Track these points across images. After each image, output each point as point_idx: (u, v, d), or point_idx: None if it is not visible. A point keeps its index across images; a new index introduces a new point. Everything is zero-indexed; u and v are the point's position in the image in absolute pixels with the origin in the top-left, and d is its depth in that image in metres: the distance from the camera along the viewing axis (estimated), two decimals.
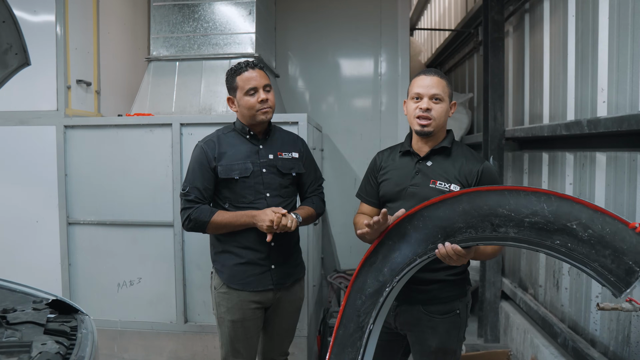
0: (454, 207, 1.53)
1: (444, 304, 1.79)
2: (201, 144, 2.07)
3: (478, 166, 1.76)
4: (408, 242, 1.58)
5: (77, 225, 3.17)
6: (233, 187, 2.03)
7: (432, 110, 1.75)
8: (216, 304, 2.10)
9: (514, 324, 3.23)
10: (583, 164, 2.58)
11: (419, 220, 1.60)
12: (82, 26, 3.31)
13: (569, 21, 2.72)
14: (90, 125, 3.12)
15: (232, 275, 2.05)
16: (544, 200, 1.36)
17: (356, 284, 1.67)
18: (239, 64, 2.03)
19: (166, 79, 3.31)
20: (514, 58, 3.63)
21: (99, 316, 3.17)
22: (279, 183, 2.09)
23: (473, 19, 4.33)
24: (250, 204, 2.02)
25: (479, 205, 1.47)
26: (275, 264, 2.08)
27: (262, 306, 2.10)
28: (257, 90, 1.99)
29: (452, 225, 1.52)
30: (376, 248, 1.66)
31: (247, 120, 2.05)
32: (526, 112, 3.38)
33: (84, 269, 3.19)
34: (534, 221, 1.36)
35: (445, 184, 1.75)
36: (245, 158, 2.05)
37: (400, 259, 1.58)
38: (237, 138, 2.09)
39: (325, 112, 4.45)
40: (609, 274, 1.24)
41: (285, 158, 2.12)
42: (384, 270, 1.61)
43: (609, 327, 2.33)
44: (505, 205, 1.42)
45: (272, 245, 2.03)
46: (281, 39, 4.39)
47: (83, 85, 3.32)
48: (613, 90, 2.29)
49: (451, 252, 1.50)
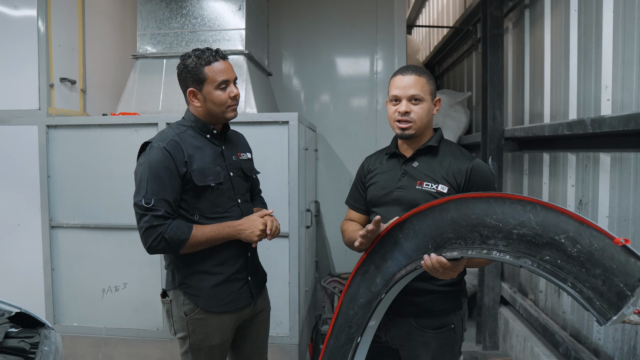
0: (442, 215, 1.42)
1: (437, 318, 1.66)
2: (162, 145, 1.69)
3: (467, 164, 1.64)
4: (400, 251, 1.48)
5: (60, 228, 3.05)
6: (208, 196, 1.75)
7: (412, 112, 1.63)
8: (190, 332, 1.79)
9: (513, 331, 3.11)
10: (586, 165, 2.47)
11: (409, 229, 1.49)
12: (67, 22, 3.20)
13: (571, 16, 2.61)
14: (74, 125, 3.01)
15: (211, 297, 1.78)
16: (530, 210, 1.23)
17: (349, 293, 1.56)
18: (202, 52, 1.73)
19: (153, 77, 3.19)
20: (513, 55, 3.51)
21: (83, 323, 3.07)
22: (245, 187, 1.90)
23: (472, 16, 4.22)
24: (224, 214, 1.79)
25: (466, 214, 1.36)
26: (251, 274, 1.88)
27: (239, 323, 1.90)
28: (228, 84, 1.76)
29: (442, 235, 1.41)
30: (369, 256, 1.56)
31: (211, 118, 1.79)
32: (526, 111, 3.26)
33: (67, 274, 3.07)
34: (522, 233, 1.23)
35: (432, 184, 1.63)
36: (213, 161, 1.78)
37: (393, 268, 1.48)
38: (197, 138, 1.79)
39: (319, 111, 4.34)
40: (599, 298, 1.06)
41: (244, 159, 1.92)
42: (377, 280, 1.50)
43: (614, 337, 2.21)
44: (493, 214, 1.30)
45: (248, 255, 1.85)
46: (274, 36, 4.28)
47: (67, 83, 3.20)
48: (618, 87, 2.17)
49: (436, 264, 1.38)
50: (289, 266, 2.89)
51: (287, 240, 2.87)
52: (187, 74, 1.76)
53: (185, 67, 1.76)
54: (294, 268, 2.90)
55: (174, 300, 1.82)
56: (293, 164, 2.84)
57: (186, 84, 1.78)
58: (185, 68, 1.76)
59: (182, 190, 1.73)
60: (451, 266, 1.38)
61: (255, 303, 1.91)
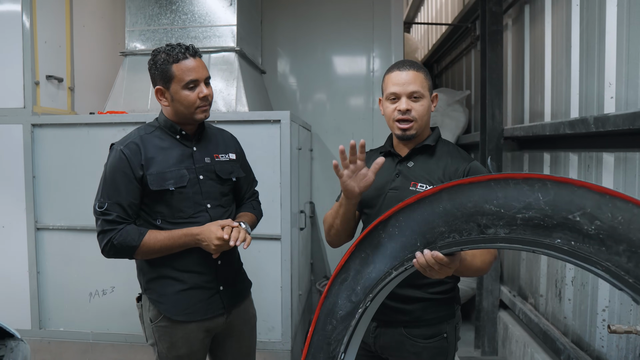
0: (433, 207, 1.27)
1: (429, 327, 1.57)
2: (120, 148, 1.66)
3: (464, 165, 1.55)
4: (383, 253, 1.34)
5: (46, 230, 2.96)
6: (168, 200, 1.66)
7: (412, 110, 1.53)
8: (156, 339, 1.73)
9: (513, 336, 3.02)
10: (588, 165, 2.38)
11: (394, 226, 1.34)
12: (53, 18, 3.11)
13: (572, 11, 2.51)
14: (60, 124, 2.92)
15: (174, 305, 1.69)
16: (539, 189, 1.11)
17: (325, 306, 1.41)
18: (171, 48, 1.64)
19: (142, 75, 3.10)
20: (513, 53, 3.42)
21: (69, 327, 2.98)
22: (219, 191, 1.77)
23: (470, 13, 4.13)
24: (189, 219, 1.69)
25: (462, 203, 1.23)
26: (223, 284, 1.77)
27: (211, 334, 1.80)
28: (197, 84, 1.65)
29: (433, 230, 1.27)
30: (347, 262, 1.41)
31: (180, 119, 1.70)
32: (526, 110, 3.17)
33: (53, 277, 2.98)
34: (529, 217, 1.12)
35: (427, 186, 1.53)
36: (179, 163, 1.69)
37: (375, 274, 1.33)
38: (164, 139, 1.71)
39: (315, 110, 4.24)
40: (625, 274, 0.98)
41: (223, 161, 1.80)
42: (357, 288, 1.36)
43: (618, 344, 2.12)
44: (493, 199, 1.17)
45: (218, 263, 1.73)
46: (268, 34, 4.19)
47: (54, 81, 3.11)
48: (622, 84, 2.08)
49: (431, 260, 1.24)
50: (281, 269, 2.80)
51: (279, 243, 2.78)
52: (155, 70, 1.67)
53: (154, 63, 1.66)
54: (286, 271, 2.81)
55: (144, 305, 1.77)
56: (285, 164, 2.75)
57: (154, 81, 1.69)
58: (155, 64, 1.66)
59: (143, 194, 1.66)
60: (448, 261, 1.25)
61: (229, 314, 1.80)
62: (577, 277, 2.50)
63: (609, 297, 2.21)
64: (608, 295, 2.21)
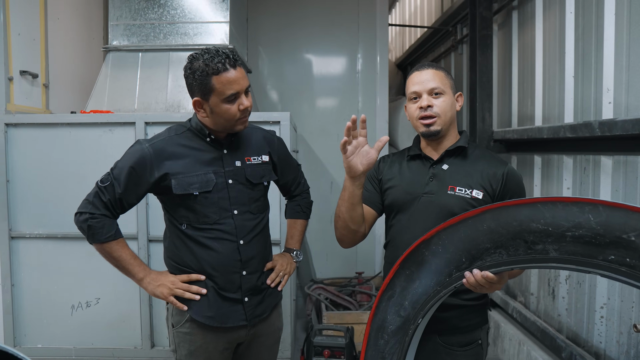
0: (476, 226, 1.30)
1: (464, 334, 1.55)
2: (146, 146, 1.60)
3: (502, 169, 1.54)
4: (428, 269, 1.36)
5: (21, 239, 2.73)
6: (192, 205, 1.60)
7: (434, 106, 1.52)
8: (176, 345, 1.70)
9: (505, 335, 3.09)
10: (585, 167, 2.46)
11: (437, 244, 1.36)
12: (27, 9, 2.88)
13: (566, 18, 2.60)
14: (38, 124, 2.70)
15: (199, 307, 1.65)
16: (589, 211, 1.13)
17: (375, 322, 1.42)
18: (211, 57, 1.52)
19: (127, 72, 2.93)
20: (499, 57, 3.50)
21: (49, 344, 2.77)
22: (248, 196, 1.69)
23: (452, 16, 4.20)
24: (215, 225, 1.63)
25: (507, 222, 1.25)
26: (249, 295, 1.70)
27: (232, 346, 1.74)
28: (238, 96, 1.55)
29: (478, 247, 1.30)
30: (392, 280, 1.43)
31: (216, 127, 1.62)
32: (514, 114, 3.25)
33: (30, 290, 2.76)
34: (579, 234, 1.13)
35: (466, 189, 1.51)
36: (206, 167, 1.62)
37: (421, 289, 1.36)
38: (194, 140, 1.65)
39: (299, 111, 4.18)
40: None
41: (255, 164, 1.71)
42: (405, 303, 1.37)
43: (619, 340, 2.21)
44: (540, 219, 1.20)
45: (243, 274, 1.68)
46: (252, 32, 4.08)
47: (28, 77, 2.88)
48: (622, 90, 2.17)
49: (482, 280, 1.27)
50: None
51: (278, 249, 2.71)
52: (193, 80, 1.55)
53: (192, 72, 1.55)
54: None
55: (169, 309, 1.73)
56: None
57: (192, 91, 1.59)
58: (192, 74, 1.55)
59: (167, 197, 1.64)
60: (498, 279, 1.27)
61: (252, 327, 1.73)
62: (573, 275, 2.58)
63: (607, 294, 2.30)
64: (606, 293, 2.30)
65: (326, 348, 2.80)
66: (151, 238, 2.70)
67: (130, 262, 1.63)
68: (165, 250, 1.72)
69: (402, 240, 1.59)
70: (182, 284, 1.63)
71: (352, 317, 3.20)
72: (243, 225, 1.66)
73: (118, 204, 1.60)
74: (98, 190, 1.59)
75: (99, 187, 1.59)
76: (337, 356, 2.81)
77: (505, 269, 1.26)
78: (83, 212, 1.59)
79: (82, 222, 1.59)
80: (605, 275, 1.14)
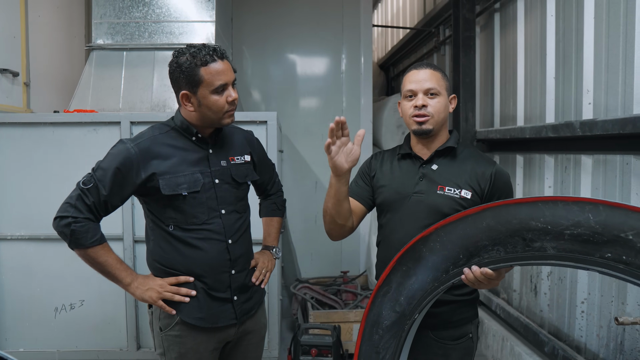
0: (476, 223, 1.33)
1: (456, 329, 1.59)
2: (130, 146, 1.56)
3: (490, 169, 1.58)
4: (425, 265, 1.38)
5: (3, 241, 2.66)
6: (180, 206, 1.59)
7: (429, 106, 1.55)
8: (164, 349, 1.66)
9: (489, 331, 3.16)
10: (566, 166, 2.53)
11: (435, 241, 1.39)
12: (6, 7, 2.81)
13: (547, 21, 2.67)
14: (19, 123, 2.64)
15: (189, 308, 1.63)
16: (589, 210, 1.18)
17: (370, 317, 1.44)
18: (198, 50, 1.53)
19: (111, 71, 2.89)
20: (481, 59, 3.57)
21: (31, 347, 2.71)
22: (234, 196, 1.69)
23: (435, 18, 4.26)
24: (203, 225, 1.62)
25: (506, 220, 1.29)
26: (238, 293, 1.70)
27: (221, 345, 1.74)
28: (226, 88, 1.55)
29: (476, 244, 1.33)
30: (388, 276, 1.45)
31: (204, 123, 1.61)
32: (496, 114, 3.32)
33: (11, 292, 2.69)
34: (577, 233, 1.18)
35: (455, 189, 1.55)
36: (193, 167, 1.61)
37: (417, 285, 1.38)
38: (179, 140, 1.62)
39: (283, 111, 4.19)
40: None
41: (239, 163, 1.72)
42: (400, 299, 1.40)
43: (599, 334, 2.28)
44: (540, 217, 1.24)
45: (232, 273, 1.68)
46: (236, 32, 4.07)
47: (9, 75, 2.82)
48: (601, 91, 2.24)
49: (480, 276, 1.31)
50: None
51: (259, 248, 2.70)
52: (180, 74, 1.54)
53: (178, 66, 1.54)
54: (272, 276, 2.73)
55: (154, 313, 1.69)
56: None
57: (178, 85, 1.57)
58: (179, 67, 1.54)
59: (152, 199, 1.60)
60: (497, 275, 1.31)
61: (241, 324, 1.74)
62: (554, 271, 2.65)
63: (587, 289, 2.37)
64: (587, 289, 2.37)
65: (313, 347, 2.81)
66: (137, 239, 2.67)
67: (117, 266, 1.59)
68: (149, 253, 1.69)
69: (394, 239, 1.62)
70: (170, 287, 1.61)
71: (338, 316, 3.22)
72: (231, 225, 1.67)
73: (102, 206, 1.55)
74: (80, 192, 1.53)
75: (81, 189, 1.53)
76: (325, 354, 2.83)
77: (503, 265, 1.30)
78: (64, 216, 1.52)
79: (64, 226, 1.52)
80: (602, 272, 1.19)
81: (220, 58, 1.55)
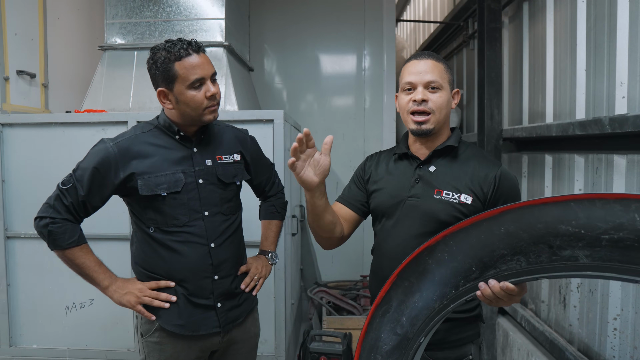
0: (492, 229, 1.13)
1: (454, 349, 1.45)
2: (110, 145, 1.52)
3: (494, 171, 1.40)
4: (431, 280, 1.19)
5: (17, 239, 2.72)
6: (159, 207, 1.53)
7: (429, 101, 1.39)
8: (146, 355, 1.63)
9: (514, 344, 2.93)
10: (597, 167, 2.29)
11: (442, 251, 1.19)
12: (25, 9, 2.87)
13: (578, 7, 2.43)
14: (33, 123, 2.68)
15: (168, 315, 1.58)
16: (636, 209, 0.96)
17: (366, 342, 1.26)
18: (172, 44, 1.48)
19: (122, 71, 2.89)
20: (510, 52, 3.33)
21: (43, 344, 2.76)
22: (220, 197, 1.62)
23: (463, 10, 4.03)
24: (184, 227, 1.56)
25: (529, 224, 1.08)
26: (222, 300, 1.62)
27: (205, 355, 1.67)
28: (204, 82, 1.50)
29: (492, 253, 1.13)
30: (388, 293, 1.26)
31: (185, 121, 1.55)
32: (525, 111, 3.08)
33: (25, 290, 2.75)
34: (618, 238, 0.97)
35: (454, 193, 1.38)
36: (175, 166, 1.55)
37: (422, 302, 1.19)
38: (161, 138, 1.58)
39: (304, 110, 4.10)
40: None
41: (227, 163, 1.65)
42: (402, 319, 1.22)
43: (633, 355, 2.03)
44: (571, 220, 1.02)
45: (215, 278, 1.60)
46: (256, 30, 4.02)
47: (26, 77, 2.88)
48: (637, 83, 1.99)
49: (500, 292, 1.11)
50: (274, 278, 2.63)
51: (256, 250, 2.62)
52: (155, 70, 1.50)
53: (154, 62, 1.50)
54: (279, 280, 2.65)
55: (138, 317, 1.66)
56: (278, 166, 2.58)
57: (155, 82, 1.53)
58: (155, 64, 1.49)
59: (133, 199, 1.55)
60: (518, 291, 1.12)
61: (226, 333, 1.66)
62: (584, 283, 2.41)
63: (621, 305, 2.12)
64: (620, 304, 2.13)
65: (323, 354, 2.70)
66: None
67: (94, 269, 1.55)
68: (132, 256, 1.65)
69: (386, 247, 1.48)
70: (150, 292, 1.56)
71: (352, 322, 3.09)
72: (214, 228, 1.59)
73: (81, 207, 1.52)
74: (59, 193, 1.53)
75: (60, 189, 1.53)
76: None
77: (527, 279, 1.09)
78: (43, 216, 1.52)
79: (42, 227, 1.51)
80: None
81: (195, 51, 1.49)
